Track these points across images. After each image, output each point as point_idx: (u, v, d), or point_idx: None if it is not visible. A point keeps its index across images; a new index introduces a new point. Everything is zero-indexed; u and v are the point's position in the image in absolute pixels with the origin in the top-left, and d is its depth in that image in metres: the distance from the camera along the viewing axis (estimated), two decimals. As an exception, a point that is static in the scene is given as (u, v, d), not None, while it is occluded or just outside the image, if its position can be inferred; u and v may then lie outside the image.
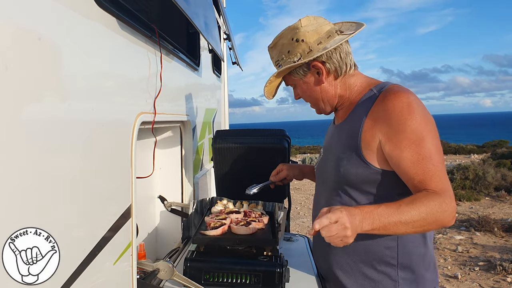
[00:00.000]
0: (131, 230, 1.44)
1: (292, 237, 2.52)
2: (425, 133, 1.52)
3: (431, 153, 1.51)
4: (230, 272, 1.70)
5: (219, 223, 1.89)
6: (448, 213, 1.46)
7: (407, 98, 1.56)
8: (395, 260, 1.66)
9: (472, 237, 8.16)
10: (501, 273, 6.25)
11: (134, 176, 1.47)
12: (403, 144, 1.52)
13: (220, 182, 2.60)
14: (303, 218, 10.01)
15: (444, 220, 1.47)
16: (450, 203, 1.46)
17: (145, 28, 1.63)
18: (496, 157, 17.78)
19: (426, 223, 1.46)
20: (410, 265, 1.66)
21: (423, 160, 1.50)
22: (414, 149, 1.51)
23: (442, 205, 1.45)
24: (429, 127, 1.54)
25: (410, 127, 1.52)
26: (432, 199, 1.45)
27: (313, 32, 1.68)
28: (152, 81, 1.73)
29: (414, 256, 1.66)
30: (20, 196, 0.86)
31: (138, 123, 1.52)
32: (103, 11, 1.24)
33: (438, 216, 1.45)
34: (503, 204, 11.03)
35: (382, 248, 1.66)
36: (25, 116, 0.87)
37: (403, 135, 1.52)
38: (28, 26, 0.88)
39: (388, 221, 1.43)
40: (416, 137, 1.51)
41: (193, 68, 2.83)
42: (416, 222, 1.44)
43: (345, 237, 1.40)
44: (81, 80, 1.12)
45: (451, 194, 1.49)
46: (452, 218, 1.48)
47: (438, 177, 1.49)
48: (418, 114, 1.53)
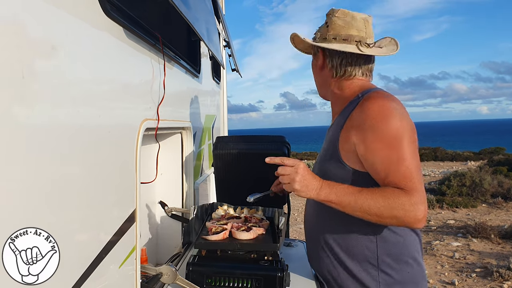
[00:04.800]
0: (135, 235, 1.47)
1: (292, 242, 2.54)
2: (399, 137, 1.55)
3: (404, 157, 1.54)
4: (232, 276, 1.72)
5: (220, 228, 1.91)
6: (412, 213, 1.48)
7: (383, 103, 1.61)
8: (375, 260, 1.70)
9: (469, 243, 8.18)
10: (498, 279, 6.27)
11: (138, 181, 1.49)
12: (376, 146, 1.57)
13: (220, 188, 2.62)
14: (301, 224, 10.02)
15: (405, 219, 1.50)
16: (417, 205, 1.48)
17: (149, 36, 1.66)
18: (493, 164, 17.83)
19: (382, 216, 1.51)
20: (390, 265, 1.70)
21: (395, 162, 1.54)
22: (386, 151, 1.55)
23: (406, 204, 1.48)
24: (404, 131, 1.57)
25: (383, 131, 1.56)
26: (396, 196, 1.49)
27: (338, 26, 1.75)
28: (155, 88, 1.76)
29: (394, 256, 1.70)
30: (23, 197, 0.88)
31: (142, 129, 1.55)
32: (110, 21, 1.27)
33: (397, 213, 1.49)
34: (499, 211, 11.06)
35: (363, 248, 1.71)
36: (35, 121, 0.90)
37: (377, 138, 1.57)
38: (43, 36, 0.92)
39: (344, 199, 1.55)
40: (388, 140, 1.55)
41: (194, 75, 2.86)
42: (370, 211, 1.51)
43: (293, 181, 1.59)
44: (89, 87, 1.16)
45: (421, 198, 1.50)
46: (417, 221, 1.50)
47: (409, 178, 1.52)
48: (393, 118, 1.57)
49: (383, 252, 1.69)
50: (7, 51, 0.80)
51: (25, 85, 0.85)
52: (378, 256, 1.69)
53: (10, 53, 0.81)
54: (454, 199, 11.79)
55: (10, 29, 0.81)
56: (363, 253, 1.71)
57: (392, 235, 1.69)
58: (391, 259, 1.69)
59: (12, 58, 0.81)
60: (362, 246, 1.71)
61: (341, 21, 1.75)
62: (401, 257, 1.70)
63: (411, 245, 1.73)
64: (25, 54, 0.86)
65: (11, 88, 0.82)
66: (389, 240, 1.69)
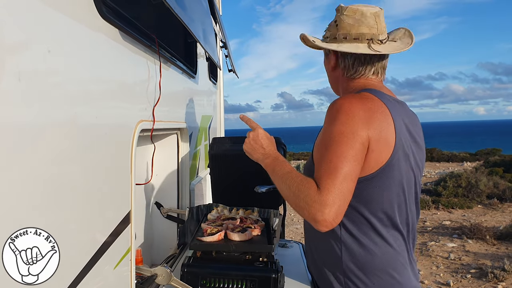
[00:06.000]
0: (130, 236, 1.47)
1: (287, 243, 2.55)
2: (335, 139, 1.49)
3: (331, 158, 1.47)
4: (227, 277, 1.72)
5: (215, 229, 1.92)
6: (313, 210, 1.40)
7: (340, 104, 1.56)
8: (341, 267, 1.64)
9: (464, 244, 8.21)
10: (493, 280, 6.30)
11: (133, 182, 1.50)
12: (318, 143, 1.59)
13: (216, 189, 2.63)
14: (297, 224, 10.03)
15: (305, 213, 1.44)
16: (321, 205, 1.39)
17: (145, 38, 1.67)
18: (489, 165, 17.89)
19: (289, 201, 1.55)
20: (357, 275, 1.63)
21: (323, 161, 1.48)
22: (321, 150, 1.52)
23: (310, 199, 1.42)
24: (343, 136, 1.49)
25: (327, 131, 1.54)
26: (307, 188, 1.44)
27: (348, 25, 1.69)
28: (151, 89, 1.76)
29: (360, 266, 1.62)
30: (21, 197, 0.88)
31: (138, 131, 1.55)
32: (106, 23, 1.28)
33: (300, 204, 1.45)
34: (495, 212, 11.11)
35: (331, 253, 1.67)
36: (32, 121, 0.91)
37: (322, 136, 1.58)
38: (39, 38, 0.92)
39: (273, 171, 1.66)
40: (326, 140, 1.51)
41: (190, 76, 2.87)
42: (283, 192, 1.57)
43: (245, 142, 1.81)
44: (85, 89, 1.16)
45: (330, 200, 1.40)
46: (315, 221, 1.41)
47: (327, 177, 1.44)
48: (337, 121, 1.52)
49: (349, 260, 1.63)
50: (2, 53, 0.80)
51: (21, 87, 0.85)
52: (343, 263, 1.64)
53: (5, 55, 0.81)
54: (450, 200, 11.84)
55: (5, 30, 0.81)
56: (331, 258, 1.68)
57: (356, 245, 1.62)
58: (357, 268, 1.62)
59: (7, 60, 0.82)
60: (330, 251, 1.67)
61: (351, 19, 1.69)
62: (369, 269, 1.62)
63: (384, 258, 1.62)
64: (21, 56, 0.86)
65: (8, 90, 0.82)
66: (353, 249, 1.62)
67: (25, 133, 0.88)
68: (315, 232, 1.71)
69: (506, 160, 17.96)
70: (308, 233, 1.87)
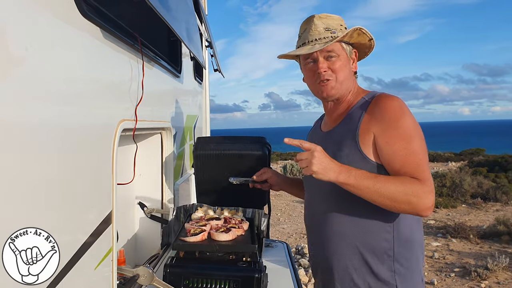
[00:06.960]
0: (111, 236, 1.46)
1: (272, 243, 2.55)
2: (414, 133, 1.68)
3: (418, 150, 1.66)
4: (209, 278, 1.72)
5: (199, 229, 1.91)
6: (424, 201, 1.59)
7: (399, 101, 1.72)
8: (392, 251, 1.75)
9: (448, 243, 8.31)
10: (476, 279, 6.38)
11: (115, 182, 1.49)
12: (394, 139, 1.67)
13: (200, 189, 2.62)
14: (284, 224, 10.05)
15: (417, 205, 1.59)
16: (428, 194, 1.60)
17: (127, 36, 1.66)
18: (473, 165, 18.12)
19: (397, 201, 1.59)
20: (405, 256, 1.77)
21: (410, 154, 1.65)
22: (403, 144, 1.66)
23: (419, 191, 1.58)
24: (418, 129, 1.71)
25: (401, 125, 1.68)
26: (411, 183, 1.60)
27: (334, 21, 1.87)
28: (134, 88, 1.75)
29: (405, 244, 1.77)
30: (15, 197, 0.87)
31: (119, 130, 1.54)
32: (87, 21, 1.27)
33: (412, 199, 1.58)
34: (479, 211, 11.26)
35: (381, 240, 1.76)
36: (9, 121, 0.89)
37: (395, 131, 1.67)
38: (18, 37, 0.91)
39: (362, 183, 1.61)
40: (406, 134, 1.67)
41: (175, 75, 2.85)
42: (387, 195, 1.59)
43: (310, 164, 1.61)
44: (66, 87, 1.15)
45: (431, 188, 1.62)
46: (426, 208, 1.60)
47: (422, 169, 1.64)
48: (409, 116, 1.70)
49: (399, 243, 1.76)
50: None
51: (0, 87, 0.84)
52: (394, 247, 1.75)
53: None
54: (434, 199, 11.96)
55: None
56: (382, 246, 1.76)
57: (402, 222, 1.76)
58: (403, 248, 1.76)
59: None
60: (380, 239, 1.76)
61: (329, 19, 1.86)
62: (411, 244, 1.78)
63: (421, 242, 1.85)
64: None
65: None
66: (401, 228, 1.76)
67: (1, 133, 0.87)
68: (355, 229, 1.79)
69: (490, 160, 18.22)
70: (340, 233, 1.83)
